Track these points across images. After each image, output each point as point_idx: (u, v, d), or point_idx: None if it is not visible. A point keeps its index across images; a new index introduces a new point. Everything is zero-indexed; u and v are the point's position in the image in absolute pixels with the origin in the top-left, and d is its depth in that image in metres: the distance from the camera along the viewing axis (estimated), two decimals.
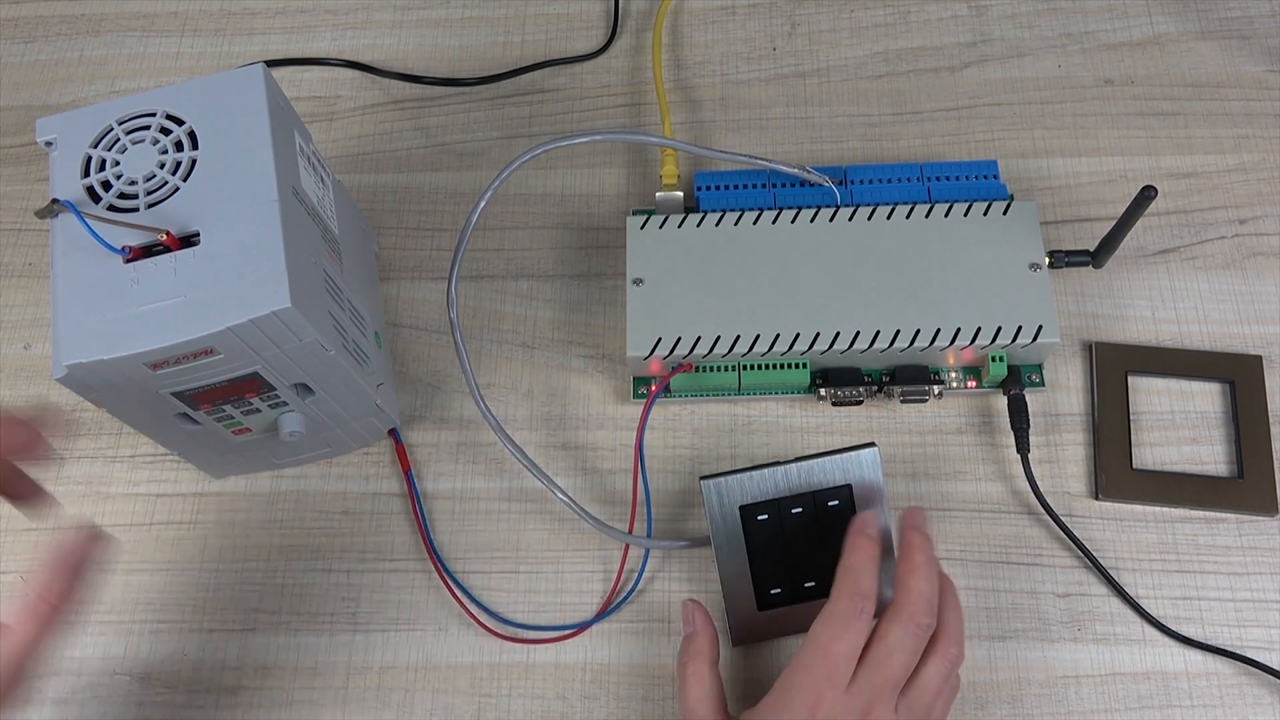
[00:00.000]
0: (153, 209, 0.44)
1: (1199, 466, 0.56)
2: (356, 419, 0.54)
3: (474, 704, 0.53)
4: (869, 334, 0.55)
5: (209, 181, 0.45)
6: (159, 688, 0.54)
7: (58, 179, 0.45)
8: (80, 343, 0.42)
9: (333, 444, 0.56)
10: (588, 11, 0.71)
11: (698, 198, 0.61)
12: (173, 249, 0.43)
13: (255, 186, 0.45)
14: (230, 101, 0.47)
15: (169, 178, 0.45)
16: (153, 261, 0.43)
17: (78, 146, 0.46)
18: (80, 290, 0.43)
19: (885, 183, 0.61)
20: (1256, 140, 0.64)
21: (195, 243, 0.44)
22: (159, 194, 0.45)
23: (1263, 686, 0.52)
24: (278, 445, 0.54)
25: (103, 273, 0.43)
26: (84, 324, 0.42)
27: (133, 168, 0.45)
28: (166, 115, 0.46)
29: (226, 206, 0.44)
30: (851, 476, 0.51)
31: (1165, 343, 0.59)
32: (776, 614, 0.52)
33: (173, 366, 0.43)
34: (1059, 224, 0.63)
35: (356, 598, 0.55)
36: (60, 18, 0.73)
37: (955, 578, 0.55)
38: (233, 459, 0.55)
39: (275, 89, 0.48)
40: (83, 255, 0.44)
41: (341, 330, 0.49)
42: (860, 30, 0.69)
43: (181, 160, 0.45)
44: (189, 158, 0.45)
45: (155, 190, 0.45)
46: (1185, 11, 0.69)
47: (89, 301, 0.43)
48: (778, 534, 0.51)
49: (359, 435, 0.56)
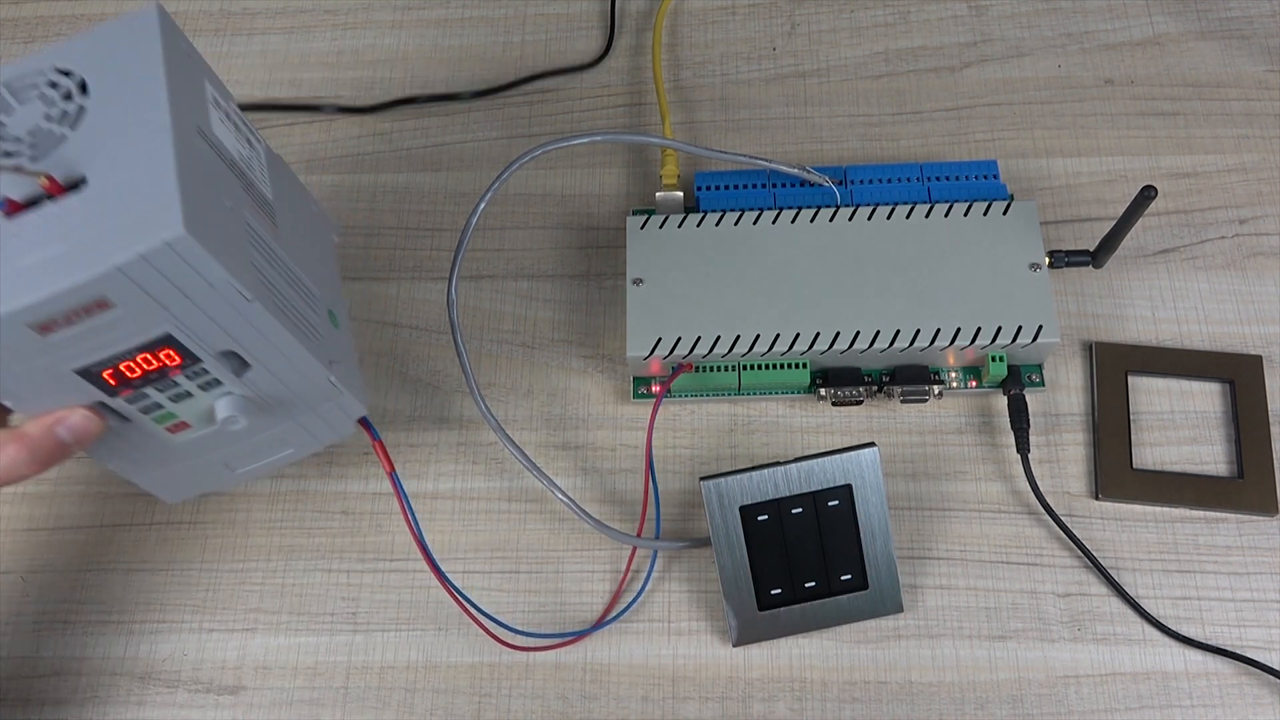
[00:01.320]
0: (38, 161, 0.40)
1: (1199, 466, 0.56)
2: (312, 404, 0.47)
3: (474, 704, 0.53)
4: (869, 334, 0.55)
5: (99, 127, 0.40)
6: (159, 688, 0.54)
7: None
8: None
9: (294, 440, 0.49)
10: (587, 11, 0.71)
11: (698, 198, 0.61)
12: (56, 195, 0.39)
13: (147, 123, 0.40)
14: (123, 48, 0.42)
15: (54, 128, 0.40)
16: (35, 213, 0.38)
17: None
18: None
19: (885, 183, 0.61)
20: (1256, 140, 0.64)
21: (84, 185, 0.39)
22: (43, 146, 0.40)
23: (1263, 686, 0.52)
24: (230, 447, 0.48)
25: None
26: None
27: (19, 123, 0.41)
28: (55, 69, 0.42)
29: (116, 148, 0.39)
30: (851, 476, 0.51)
31: (1165, 343, 0.59)
32: (777, 614, 0.52)
33: (66, 328, 0.38)
34: (1059, 224, 0.63)
35: (356, 598, 0.55)
36: (60, 18, 0.73)
37: (955, 577, 0.55)
38: (183, 471, 0.48)
39: (173, 32, 0.43)
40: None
41: (271, 287, 0.43)
42: (860, 30, 0.69)
43: (70, 110, 0.41)
44: (77, 105, 0.41)
45: (39, 143, 0.40)
46: (1185, 11, 0.69)
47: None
48: (778, 534, 0.51)
49: (321, 427, 0.49)
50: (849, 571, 0.52)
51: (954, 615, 0.54)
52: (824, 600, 0.52)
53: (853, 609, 0.53)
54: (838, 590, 0.52)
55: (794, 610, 0.52)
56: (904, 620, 0.54)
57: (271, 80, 0.70)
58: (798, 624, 0.53)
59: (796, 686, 0.53)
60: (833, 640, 0.54)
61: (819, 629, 0.53)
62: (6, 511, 0.58)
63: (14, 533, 0.58)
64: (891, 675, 0.53)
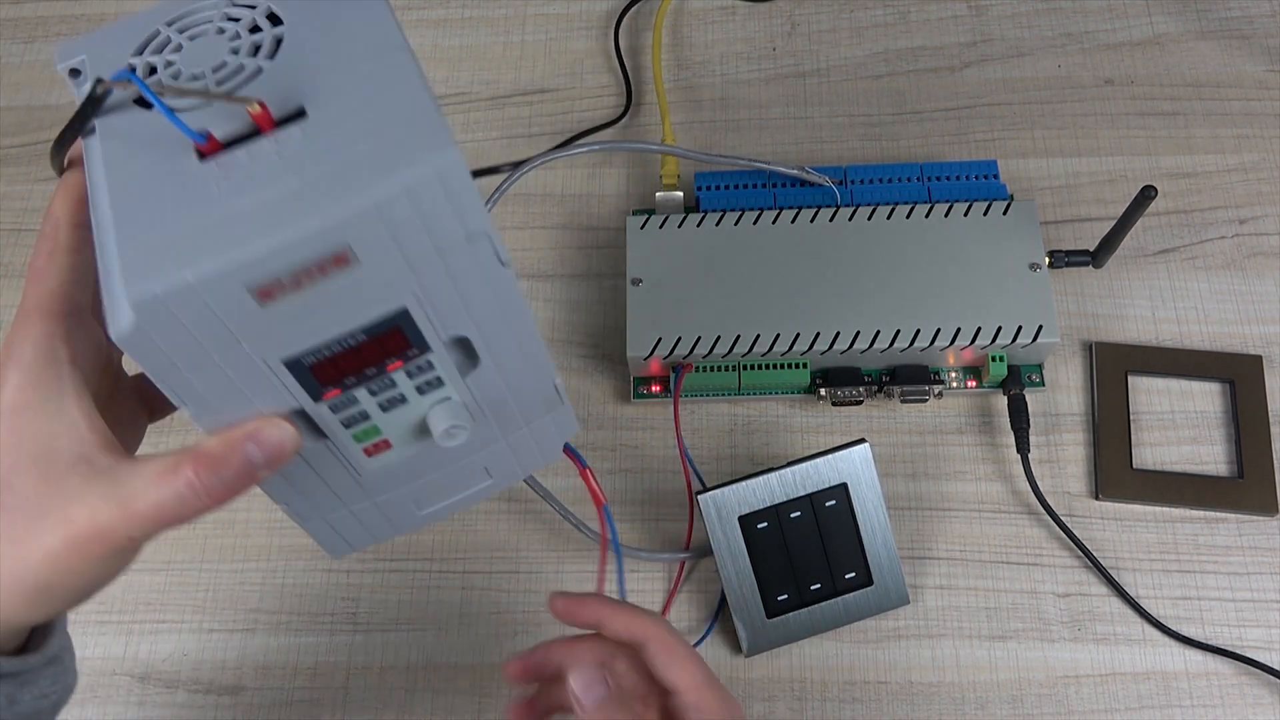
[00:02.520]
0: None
1: (1199, 466, 0.56)
2: (529, 416, 0.38)
3: (474, 704, 0.53)
4: (869, 334, 0.55)
5: (306, 55, 0.32)
6: (159, 688, 0.54)
7: None
8: (153, 265, 0.28)
9: (496, 468, 0.39)
10: (588, 11, 0.71)
11: (698, 197, 0.61)
12: (265, 130, 0.30)
13: (371, 41, 0.32)
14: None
15: (247, 61, 0.32)
16: (243, 150, 0.30)
17: (114, 62, 0.33)
18: (142, 202, 0.29)
19: (885, 183, 0.60)
20: (1256, 140, 0.64)
21: (302, 116, 0.31)
22: (235, 81, 0.32)
23: (1263, 686, 0.52)
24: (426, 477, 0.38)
25: (172, 176, 0.30)
26: (153, 242, 0.28)
27: (192, 61, 0.32)
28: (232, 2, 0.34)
29: (334, 73, 0.32)
30: (846, 475, 0.51)
31: (1165, 343, 0.59)
32: (785, 620, 0.52)
33: (291, 294, 0.29)
34: (1059, 224, 0.63)
35: (356, 598, 0.55)
36: (60, 18, 0.73)
37: (955, 577, 0.55)
38: (366, 511, 0.39)
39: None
40: (140, 161, 0.30)
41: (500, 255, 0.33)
42: (860, 30, 0.69)
43: (261, 41, 0.33)
44: (271, 36, 0.33)
45: (230, 78, 0.32)
46: (1185, 11, 0.69)
47: (158, 213, 0.29)
48: (779, 539, 0.51)
49: (530, 449, 0.39)
50: (852, 569, 0.52)
51: (954, 615, 0.54)
52: (831, 600, 0.52)
53: (859, 606, 0.53)
54: (843, 589, 0.52)
55: (801, 614, 0.52)
56: (904, 620, 0.54)
57: None
58: (806, 627, 0.53)
59: (796, 687, 0.53)
60: (832, 640, 0.53)
61: (828, 630, 0.53)
62: None
63: None
64: (891, 675, 0.53)
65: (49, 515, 0.31)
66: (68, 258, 0.32)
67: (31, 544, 0.30)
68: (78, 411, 0.31)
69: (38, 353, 0.31)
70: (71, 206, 0.33)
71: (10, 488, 0.31)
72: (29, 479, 0.31)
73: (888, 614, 0.54)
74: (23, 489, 0.31)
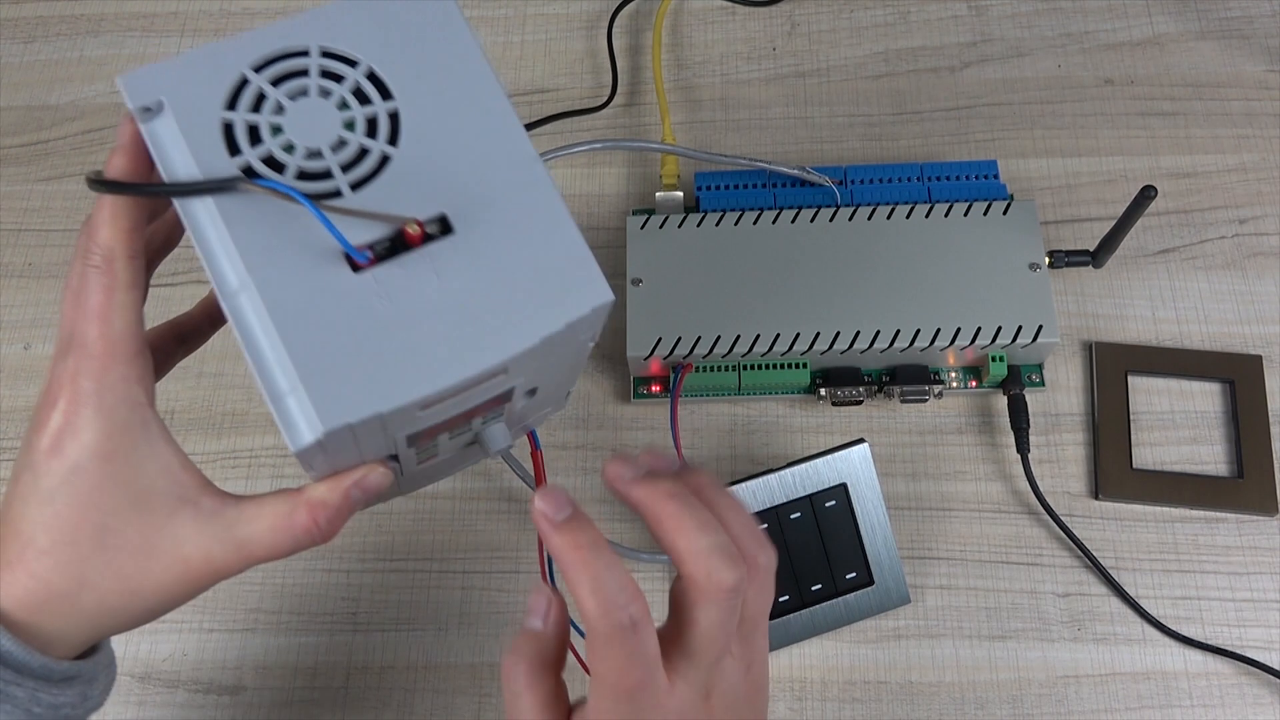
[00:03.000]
0: (360, 190, 0.31)
1: (1199, 466, 0.56)
2: (537, 414, 0.41)
3: (474, 704, 0.53)
4: (869, 334, 0.55)
5: (427, 143, 0.32)
6: (159, 688, 0.54)
7: (177, 158, 0.31)
8: (342, 394, 0.29)
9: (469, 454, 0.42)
10: (588, 11, 0.71)
11: (698, 197, 0.61)
12: (415, 244, 0.31)
13: (499, 142, 0.32)
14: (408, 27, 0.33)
15: (368, 142, 0.31)
16: (398, 264, 0.30)
17: (203, 109, 0.31)
18: (307, 316, 0.30)
19: (885, 183, 0.61)
20: (1256, 140, 0.64)
21: (449, 231, 0.31)
22: (361, 168, 0.31)
23: (1263, 686, 0.52)
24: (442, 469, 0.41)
25: (330, 288, 0.30)
26: (334, 366, 0.29)
27: (304, 132, 0.31)
28: (323, 53, 0.32)
29: (469, 176, 0.31)
30: (845, 475, 0.52)
31: (1165, 343, 0.59)
32: (787, 621, 0.52)
33: (449, 399, 0.31)
34: (1059, 224, 0.63)
35: (356, 598, 0.55)
36: (60, 18, 0.73)
37: (955, 577, 0.55)
38: None
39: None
40: (286, 261, 0.30)
41: None
42: (860, 30, 0.69)
43: (376, 115, 0.32)
44: (385, 111, 0.32)
45: (354, 163, 0.31)
46: (1185, 11, 0.69)
47: (328, 332, 0.30)
48: (779, 541, 0.51)
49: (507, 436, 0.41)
50: (853, 570, 0.52)
51: (954, 615, 0.54)
52: (832, 601, 0.52)
53: (860, 606, 0.53)
54: (844, 589, 0.52)
55: (803, 615, 0.52)
56: (904, 620, 0.54)
57: None
58: (808, 628, 0.53)
59: (796, 687, 0.53)
60: (832, 640, 0.53)
61: (830, 630, 0.53)
62: None
63: None
64: (891, 675, 0.53)
65: (160, 555, 0.33)
66: (128, 295, 0.33)
67: (141, 580, 0.33)
68: (169, 454, 0.33)
69: (118, 399, 0.33)
70: (124, 236, 0.33)
71: (113, 531, 0.33)
72: (132, 522, 0.33)
73: (887, 614, 0.54)
74: (126, 532, 0.33)
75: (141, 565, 0.33)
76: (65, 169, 0.67)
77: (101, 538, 0.33)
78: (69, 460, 0.32)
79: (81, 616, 0.33)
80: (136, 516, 0.33)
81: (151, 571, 0.33)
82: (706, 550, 0.33)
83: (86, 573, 0.33)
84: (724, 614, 0.33)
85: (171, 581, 0.33)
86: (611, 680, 0.32)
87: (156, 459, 0.33)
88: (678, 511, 0.33)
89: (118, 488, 0.33)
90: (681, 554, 0.33)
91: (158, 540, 0.33)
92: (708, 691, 0.34)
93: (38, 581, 0.33)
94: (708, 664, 0.34)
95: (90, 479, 0.32)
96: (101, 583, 0.33)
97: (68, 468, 0.32)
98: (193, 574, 0.33)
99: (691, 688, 0.34)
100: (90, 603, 0.33)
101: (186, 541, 0.33)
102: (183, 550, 0.33)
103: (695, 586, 0.33)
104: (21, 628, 0.33)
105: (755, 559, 0.34)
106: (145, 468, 0.33)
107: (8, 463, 0.59)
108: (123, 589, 0.33)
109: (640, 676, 0.32)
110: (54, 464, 0.33)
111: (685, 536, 0.33)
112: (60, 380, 0.33)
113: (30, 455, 0.33)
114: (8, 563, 0.33)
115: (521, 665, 0.35)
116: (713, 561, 0.32)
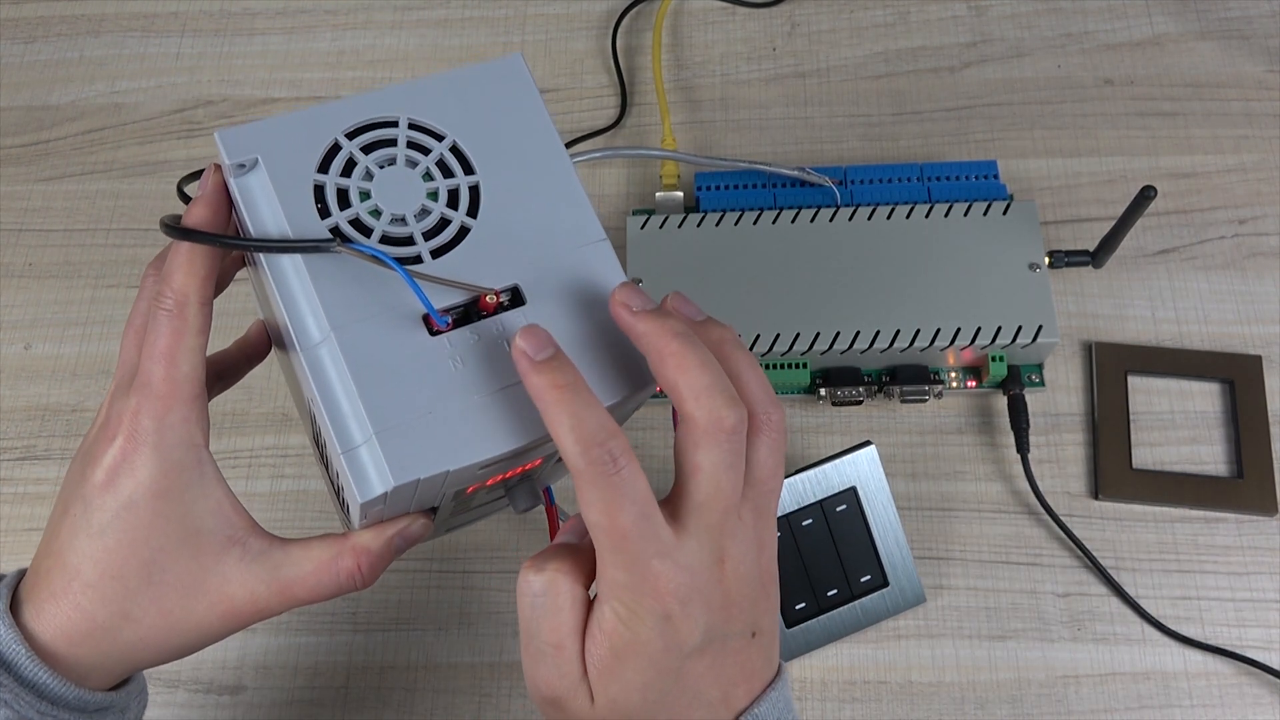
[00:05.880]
0: (440, 258, 0.33)
1: (1198, 466, 0.56)
2: (555, 474, 0.43)
3: (474, 704, 0.53)
4: (869, 334, 0.55)
5: (504, 216, 0.34)
6: (159, 687, 0.54)
7: (267, 214, 0.33)
8: (414, 451, 0.31)
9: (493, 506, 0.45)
10: (588, 11, 0.71)
11: (698, 197, 0.61)
12: (489, 312, 0.33)
13: (569, 219, 0.35)
14: (490, 104, 0.36)
15: (449, 213, 0.34)
16: (471, 330, 0.33)
17: (296, 170, 0.33)
18: (383, 372, 0.32)
19: (885, 183, 0.61)
20: (1256, 140, 0.64)
21: (521, 302, 0.33)
22: (442, 237, 0.34)
23: (1263, 686, 0.52)
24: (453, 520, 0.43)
25: (407, 348, 0.32)
26: (408, 424, 0.31)
27: (390, 199, 0.34)
28: (411, 125, 0.35)
29: (541, 250, 0.34)
30: (854, 478, 0.52)
31: (1165, 343, 0.59)
32: (807, 628, 0.52)
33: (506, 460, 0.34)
34: (1059, 224, 0.63)
35: (356, 598, 0.55)
36: (60, 18, 0.73)
37: (955, 577, 0.55)
38: None
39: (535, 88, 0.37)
40: (368, 324, 0.32)
41: None
42: (860, 30, 0.70)
43: (458, 188, 0.34)
44: (466, 185, 0.34)
45: (435, 232, 0.34)
46: (1185, 11, 0.69)
47: (403, 389, 0.32)
48: (793, 549, 0.51)
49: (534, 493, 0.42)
50: (868, 572, 0.52)
51: (954, 615, 0.54)
52: (849, 605, 0.52)
53: (877, 609, 0.53)
54: (860, 593, 0.52)
55: (822, 620, 0.52)
56: (904, 620, 0.54)
57: (271, 80, 0.70)
58: (828, 633, 0.52)
59: (796, 686, 0.53)
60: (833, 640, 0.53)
61: (848, 634, 0.53)
62: (7, 511, 0.58)
63: (14, 532, 0.58)
64: (891, 675, 0.53)
65: (205, 593, 0.34)
66: (197, 339, 0.34)
67: (184, 617, 0.34)
68: (221, 495, 0.35)
69: (177, 440, 0.33)
70: (199, 283, 0.34)
71: (161, 567, 0.34)
72: (180, 559, 0.34)
73: None
74: (174, 568, 0.34)
75: (186, 603, 0.34)
76: (65, 169, 0.67)
77: (149, 574, 0.33)
78: (123, 496, 0.33)
79: (121, 650, 0.34)
80: (185, 554, 0.34)
81: (195, 609, 0.34)
82: (708, 388, 0.32)
83: (130, 608, 0.33)
84: (728, 456, 0.32)
85: (214, 619, 0.34)
86: (604, 525, 0.31)
87: (208, 499, 0.34)
88: (681, 350, 0.32)
89: (169, 525, 0.33)
90: (682, 391, 0.32)
91: (204, 579, 0.34)
92: (719, 556, 0.32)
93: (81, 614, 0.33)
94: (715, 518, 0.32)
95: (143, 516, 0.33)
96: (144, 618, 0.34)
97: (121, 503, 0.33)
98: (235, 613, 0.34)
99: (701, 545, 0.32)
100: (131, 637, 0.34)
101: (232, 581, 0.34)
102: (228, 589, 0.34)
103: (696, 427, 0.32)
104: (60, 659, 0.33)
105: (767, 412, 0.33)
106: (197, 507, 0.34)
107: (8, 463, 0.59)
108: (165, 625, 0.34)
109: (632, 517, 0.31)
110: (108, 499, 0.33)
111: (686, 374, 0.32)
112: (120, 416, 0.33)
113: (83, 488, 0.34)
114: (53, 594, 0.34)
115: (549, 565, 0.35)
116: (714, 399, 0.31)
